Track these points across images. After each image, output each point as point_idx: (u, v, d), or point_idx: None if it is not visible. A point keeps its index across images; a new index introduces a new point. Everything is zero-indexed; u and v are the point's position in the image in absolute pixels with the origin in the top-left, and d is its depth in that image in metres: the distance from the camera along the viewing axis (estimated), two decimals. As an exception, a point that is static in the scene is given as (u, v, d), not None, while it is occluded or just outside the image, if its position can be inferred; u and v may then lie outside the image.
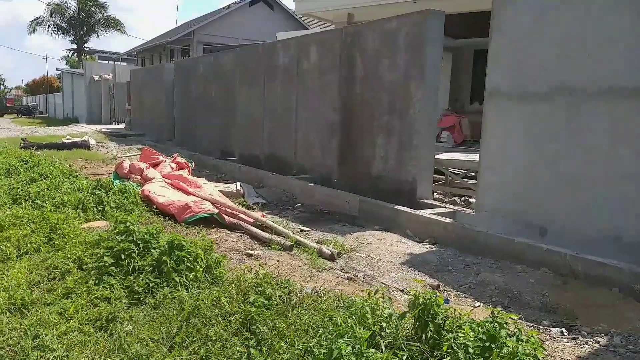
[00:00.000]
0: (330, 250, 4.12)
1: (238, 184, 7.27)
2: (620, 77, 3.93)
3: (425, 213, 5.11)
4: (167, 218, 5.05)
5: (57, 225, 3.98)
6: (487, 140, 4.95)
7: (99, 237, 3.43)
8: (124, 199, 4.98)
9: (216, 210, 4.98)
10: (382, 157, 6.27)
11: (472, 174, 6.72)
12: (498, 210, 4.88)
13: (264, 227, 4.93)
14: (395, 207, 5.40)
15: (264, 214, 5.82)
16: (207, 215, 4.91)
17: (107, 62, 40.22)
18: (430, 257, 4.40)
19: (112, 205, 4.79)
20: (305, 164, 7.88)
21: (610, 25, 3.98)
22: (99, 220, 4.55)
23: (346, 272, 3.83)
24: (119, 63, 30.72)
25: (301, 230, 5.24)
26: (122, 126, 20.78)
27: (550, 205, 4.46)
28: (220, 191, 6.71)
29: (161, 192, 5.48)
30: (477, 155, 7.41)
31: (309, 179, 7.49)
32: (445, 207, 5.47)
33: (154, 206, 5.16)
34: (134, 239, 3.13)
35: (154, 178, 6.80)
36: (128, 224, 3.28)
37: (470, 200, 6.55)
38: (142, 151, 8.34)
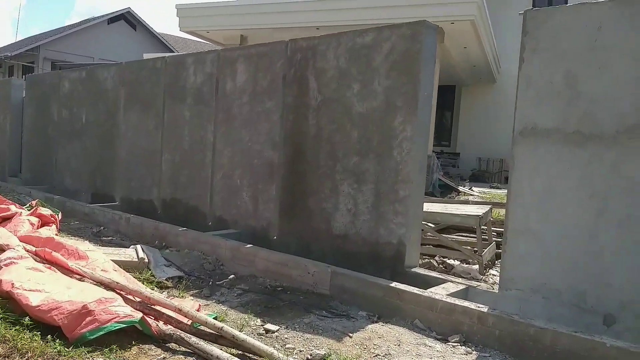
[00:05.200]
0: (367, 392, 2.44)
1: (139, 247, 5.15)
2: None
3: (442, 295, 3.67)
4: (47, 332, 2.90)
5: None
6: (518, 193, 3.72)
7: None
8: (-38, 306, 2.74)
9: (138, 315, 2.98)
10: (350, 211, 4.75)
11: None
12: (537, 288, 3.65)
13: (219, 335, 3.06)
14: (392, 284, 3.89)
15: (198, 302, 3.90)
16: (122, 325, 2.90)
17: None
18: (489, 374, 2.95)
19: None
20: (226, 214, 6.01)
21: None
22: None
23: None
24: (-61, 77, 25.08)
25: (266, 330, 3.45)
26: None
27: (623, 284, 3.33)
28: (114, 261, 4.59)
29: (32, 281, 3.26)
30: (456, 206, 6.31)
31: (236, 235, 5.65)
32: (453, 281, 4.10)
33: (25, 311, 2.95)
34: None
35: (7, 245, 4.43)
36: None
37: (450, 262, 5.29)
38: (-18, 199, 5.75)
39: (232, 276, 4.82)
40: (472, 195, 10.78)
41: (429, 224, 5.54)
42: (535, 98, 3.64)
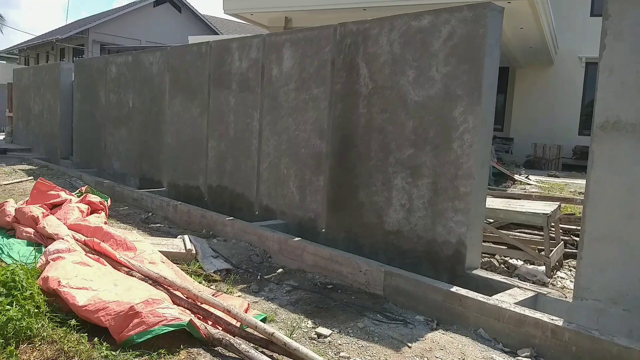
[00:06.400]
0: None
1: (187, 238, 5.07)
2: None
3: (510, 304, 3.38)
4: (94, 331, 2.81)
5: None
6: (598, 194, 3.36)
7: None
8: (11, 304, 2.68)
9: (186, 318, 2.85)
10: (404, 206, 4.48)
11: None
12: (618, 299, 3.30)
13: (269, 341, 2.91)
14: (454, 289, 3.62)
15: (248, 301, 3.75)
16: (170, 329, 2.78)
17: (-20, 59, 34.98)
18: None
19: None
20: (272, 204, 5.86)
21: None
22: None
23: None
24: (-4, 60, 26.12)
25: (318, 335, 3.28)
26: (0, 137, 17.07)
27: None
28: (162, 252, 4.52)
29: (79, 277, 3.19)
30: (520, 202, 5.95)
31: (283, 226, 5.50)
32: (520, 287, 3.79)
33: (72, 309, 2.88)
34: None
35: (56, 234, 4.43)
36: None
37: (512, 262, 4.95)
38: (34, 186, 5.80)
39: (280, 270, 4.67)
40: (529, 184, 10.23)
41: (489, 220, 5.20)
42: (619, 89, 3.24)
